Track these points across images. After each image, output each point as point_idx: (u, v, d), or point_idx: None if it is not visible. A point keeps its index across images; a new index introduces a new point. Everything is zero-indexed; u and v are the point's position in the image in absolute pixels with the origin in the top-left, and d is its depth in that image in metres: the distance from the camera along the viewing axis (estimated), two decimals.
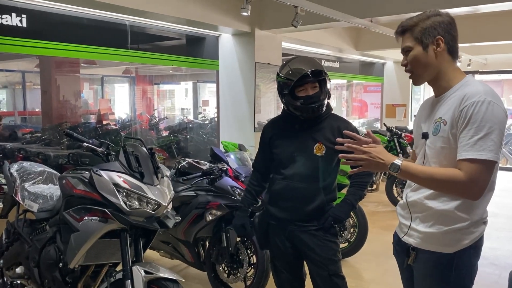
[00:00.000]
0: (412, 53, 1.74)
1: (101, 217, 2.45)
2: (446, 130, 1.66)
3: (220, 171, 3.49)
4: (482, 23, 7.12)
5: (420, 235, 1.76)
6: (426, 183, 1.67)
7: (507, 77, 13.53)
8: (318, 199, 2.40)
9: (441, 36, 1.70)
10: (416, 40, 1.72)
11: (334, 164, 2.44)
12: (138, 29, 5.59)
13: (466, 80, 1.71)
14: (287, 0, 4.42)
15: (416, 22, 1.74)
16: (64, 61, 6.09)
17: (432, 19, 1.72)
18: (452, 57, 1.74)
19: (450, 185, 1.61)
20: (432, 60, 1.71)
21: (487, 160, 1.55)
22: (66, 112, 6.38)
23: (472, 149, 1.56)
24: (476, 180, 1.57)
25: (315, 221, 2.42)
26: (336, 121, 2.47)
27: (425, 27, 1.71)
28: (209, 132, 7.95)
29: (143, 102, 8.81)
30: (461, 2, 4.69)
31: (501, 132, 1.58)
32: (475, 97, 1.59)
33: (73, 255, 2.52)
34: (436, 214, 1.71)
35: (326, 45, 7.80)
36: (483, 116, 1.56)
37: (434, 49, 1.70)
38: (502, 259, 4.56)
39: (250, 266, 3.44)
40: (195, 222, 3.46)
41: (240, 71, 6.37)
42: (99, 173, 2.47)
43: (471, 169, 1.57)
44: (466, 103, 1.59)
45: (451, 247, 1.69)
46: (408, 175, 1.67)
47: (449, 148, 1.66)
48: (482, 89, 1.61)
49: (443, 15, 1.74)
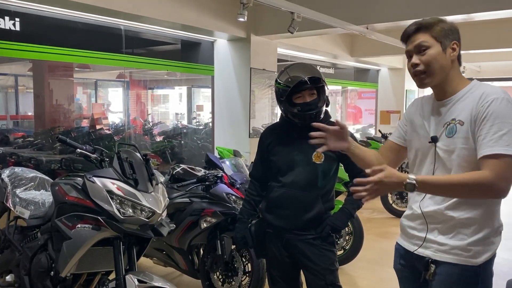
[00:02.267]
0: (430, 52, 1.66)
1: (94, 225, 2.41)
2: (465, 130, 1.61)
3: (215, 177, 3.46)
4: (476, 31, 7.16)
5: (441, 247, 1.68)
6: (450, 193, 1.60)
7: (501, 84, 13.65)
8: (316, 208, 2.37)
9: (456, 41, 1.69)
10: (435, 39, 1.66)
11: (332, 172, 2.42)
12: (133, 33, 5.56)
13: (475, 83, 1.69)
14: (283, 6, 4.42)
15: (435, 22, 1.69)
16: (57, 65, 6.03)
17: (449, 23, 1.70)
18: (459, 62, 1.74)
19: (477, 188, 1.53)
20: (448, 63, 1.68)
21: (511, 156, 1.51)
22: (59, 117, 6.32)
23: (497, 145, 1.51)
24: (504, 177, 1.51)
25: (312, 230, 2.39)
26: None
27: (446, 29, 1.68)
28: (203, 137, 7.91)
29: (137, 106, 8.76)
30: (456, 10, 4.71)
31: None
32: (494, 94, 1.57)
33: (65, 263, 2.48)
34: (459, 224, 1.64)
35: (321, 51, 7.81)
36: (506, 112, 1.54)
37: (451, 52, 1.67)
38: (498, 267, 4.50)
39: (245, 275, 3.40)
40: (190, 229, 3.42)
41: (236, 77, 6.35)
42: (93, 180, 2.44)
43: (497, 165, 1.51)
44: (487, 99, 1.57)
45: (476, 259, 1.62)
46: (428, 189, 1.60)
47: (469, 149, 1.61)
48: (498, 88, 1.61)
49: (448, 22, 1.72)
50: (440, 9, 4.64)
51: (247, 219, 2.60)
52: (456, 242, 1.64)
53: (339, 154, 2.31)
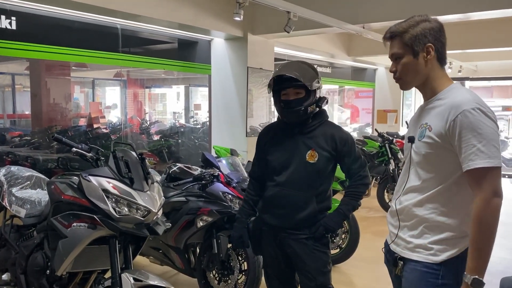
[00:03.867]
0: (403, 61, 1.72)
1: (89, 224, 2.42)
2: (431, 136, 1.65)
3: (212, 176, 3.46)
4: (473, 31, 7.18)
5: (408, 245, 1.73)
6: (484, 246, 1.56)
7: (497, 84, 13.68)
8: (310, 207, 2.36)
9: (431, 43, 1.68)
10: (406, 47, 1.70)
11: (328, 172, 2.40)
12: (130, 32, 5.55)
13: (453, 87, 1.70)
14: (280, 6, 4.42)
15: (405, 29, 1.71)
16: (54, 64, 6.03)
17: (422, 25, 1.69)
18: (441, 64, 1.74)
19: (485, 220, 1.54)
20: (422, 68, 1.70)
21: (494, 167, 1.54)
22: (56, 116, 6.31)
23: (478, 158, 1.54)
24: (491, 190, 1.54)
25: (306, 230, 2.38)
26: (331, 128, 2.43)
27: (416, 34, 1.68)
28: (200, 136, 7.91)
29: (134, 105, 8.75)
30: (453, 9, 4.72)
31: (498, 138, 1.57)
32: (465, 105, 1.57)
33: (60, 262, 2.48)
34: (423, 222, 1.68)
35: (318, 50, 7.82)
36: (479, 124, 1.54)
37: (424, 56, 1.69)
38: (493, 265, 4.55)
39: (241, 273, 3.40)
40: (186, 228, 3.42)
41: (233, 76, 6.35)
42: (88, 179, 2.44)
43: (482, 179, 1.54)
44: (457, 112, 1.57)
45: (437, 257, 1.65)
46: (481, 268, 1.56)
47: (434, 154, 1.65)
48: (471, 97, 1.61)
49: (432, 21, 1.72)
50: (436, 9, 4.65)
51: (245, 218, 2.60)
52: (420, 240, 1.69)
53: (335, 153, 2.35)
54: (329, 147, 2.35)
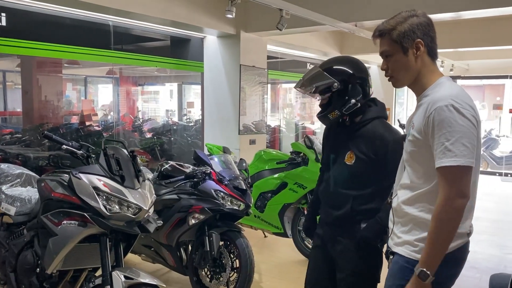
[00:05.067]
0: (393, 59, 1.72)
1: (80, 221, 2.41)
2: (414, 134, 1.65)
3: (204, 174, 3.46)
4: (465, 29, 7.22)
5: (398, 240, 1.75)
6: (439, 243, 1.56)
7: (488, 82, 13.78)
8: (345, 207, 2.26)
9: (420, 39, 1.67)
10: (395, 45, 1.69)
11: (366, 176, 2.23)
12: (122, 29, 5.52)
13: (439, 82, 1.68)
14: (272, 3, 4.42)
15: (393, 26, 1.70)
16: (46, 61, 5.98)
17: (409, 21, 1.68)
18: (432, 59, 1.72)
19: (445, 218, 1.54)
20: (413, 64, 1.69)
21: (461, 166, 1.52)
22: (47, 113, 6.27)
23: (445, 156, 1.53)
24: (455, 189, 1.53)
25: (342, 229, 2.29)
26: (381, 129, 2.23)
27: (404, 31, 1.67)
28: (193, 134, 7.89)
29: (127, 103, 8.71)
30: (444, 8, 4.74)
31: (472, 135, 1.54)
32: (440, 102, 1.56)
33: (51, 260, 2.48)
34: (413, 220, 1.69)
35: (311, 48, 7.82)
36: (450, 121, 1.53)
37: (414, 52, 1.68)
38: (483, 262, 4.61)
39: (233, 271, 3.41)
40: (178, 226, 3.42)
41: (225, 74, 6.34)
42: (79, 176, 2.43)
43: (447, 177, 1.54)
44: (432, 109, 1.56)
45: (420, 254, 1.63)
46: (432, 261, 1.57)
47: (417, 152, 1.65)
48: (448, 93, 1.59)
49: (420, 15, 1.70)
50: (428, 7, 4.66)
51: (313, 209, 2.62)
52: (408, 236, 1.70)
53: (375, 157, 2.19)
54: (370, 150, 2.20)
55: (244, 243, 3.34)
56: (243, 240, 3.36)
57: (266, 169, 4.89)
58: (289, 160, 4.67)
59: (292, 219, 4.64)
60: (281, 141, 9.51)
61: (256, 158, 5.08)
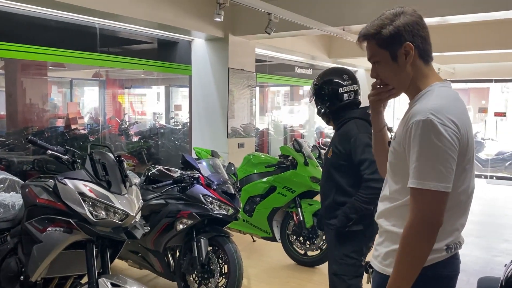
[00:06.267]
0: (381, 66, 1.53)
1: (65, 228, 2.37)
2: (394, 145, 1.52)
3: (192, 178, 3.43)
4: (451, 34, 7.30)
5: (375, 252, 1.63)
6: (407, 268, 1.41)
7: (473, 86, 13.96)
8: (330, 197, 2.55)
9: (409, 41, 1.46)
10: (382, 50, 1.50)
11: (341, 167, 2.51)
12: (108, 32, 5.47)
13: (428, 89, 1.49)
14: (260, 7, 4.41)
15: (378, 29, 1.50)
16: (31, 63, 5.89)
17: (396, 22, 1.48)
18: (425, 61, 1.51)
19: (410, 241, 1.39)
20: (403, 70, 1.49)
21: (428, 190, 1.35)
22: (32, 116, 6.17)
23: (414, 177, 1.37)
24: (421, 213, 1.37)
25: (331, 219, 2.53)
26: (350, 127, 2.53)
27: (389, 34, 1.48)
28: (181, 137, 7.84)
29: (113, 106, 8.63)
30: (430, 12, 4.78)
31: (448, 157, 1.35)
32: (419, 115, 1.37)
33: (35, 268, 2.43)
34: (386, 233, 1.57)
35: (299, 52, 7.85)
36: (423, 139, 1.35)
37: (404, 57, 1.47)
38: (470, 265, 4.65)
39: (222, 276, 3.37)
40: (165, 231, 3.38)
41: (213, 77, 6.32)
42: (64, 182, 2.39)
43: (415, 200, 1.38)
44: (410, 123, 1.39)
45: (390, 269, 1.47)
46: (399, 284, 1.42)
47: (396, 164, 1.52)
48: (431, 105, 1.39)
49: (408, 13, 1.50)
50: None
51: None
52: (382, 249, 1.56)
53: (344, 151, 2.49)
54: (341, 145, 2.50)
55: (232, 248, 3.31)
56: (231, 245, 3.33)
57: (254, 172, 4.87)
58: (277, 164, 4.66)
59: (281, 223, 4.63)
60: (270, 145, 9.51)
61: (245, 162, 5.07)
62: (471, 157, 1.47)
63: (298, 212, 4.38)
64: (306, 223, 4.32)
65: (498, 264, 4.76)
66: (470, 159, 1.46)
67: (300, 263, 4.53)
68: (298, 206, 4.38)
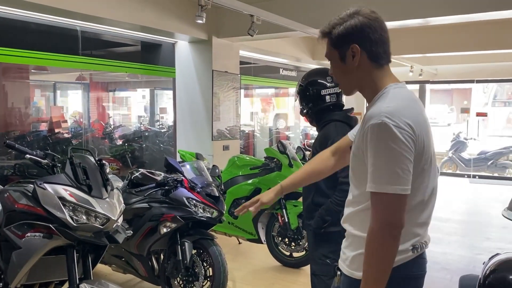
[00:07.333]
0: (333, 64, 1.57)
1: (45, 233, 2.34)
2: (353, 150, 1.52)
3: (175, 181, 3.41)
4: (433, 35, 7.39)
5: (343, 255, 1.62)
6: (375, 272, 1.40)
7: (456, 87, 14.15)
8: (309, 198, 2.57)
9: (356, 43, 1.47)
10: (333, 49, 1.53)
11: None
12: (90, 34, 5.41)
13: (384, 91, 1.48)
14: (243, 9, 4.41)
15: (331, 28, 1.53)
16: (12, 66, 5.79)
17: (347, 23, 1.49)
18: (376, 63, 1.50)
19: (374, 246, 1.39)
20: (352, 71, 1.51)
21: (387, 194, 1.35)
22: (13, 120, 6.06)
23: (372, 181, 1.37)
24: (381, 216, 1.37)
25: (310, 220, 2.55)
26: (328, 129, 2.54)
27: (338, 35, 1.50)
28: (166, 140, 7.79)
29: (97, 109, 8.54)
30: (412, 14, 4.84)
31: (405, 159, 1.35)
32: (374, 119, 1.37)
33: (14, 274, 2.39)
34: (351, 236, 1.57)
35: (283, 54, 7.87)
36: (379, 142, 1.35)
37: (351, 59, 1.49)
38: (453, 263, 4.70)
39: (206, 279, 3.36)
40: (149, 235, 3.35)
41: (198, 79, 6.30)
42: (43, 186, 2.36)
43: (375, 203, 1.38)
44: (366, 126, 1.39)
45: (359, 272, 1.46)
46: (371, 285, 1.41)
47: (357, 169, 1.51)
48: (385, 107, 1.39)
49: (361, 15, 1.50)
50: (397, 13, 4.75)
51: None
52: (349, 252, 1.57)
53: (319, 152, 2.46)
54: (320, 147, 2.47)
55: (217, 251, 3.30)
56: (216, 248, 3.32)
57: (239, 175, 4.86)
58: (262, 166, 4.66)
59: (266, 225, 4.63)
60: (255, 147, 9.51)
61: (230, 164, 5.05)
62: (430, 156, 1.47)
63: (283, 214, 4.38)
64: (291, 225, 4.32)
65: (480, 262, 4.79)
66: (428, 159, 1.46)
67: (285, 264, 4.53)
68: (283, 207, 4.38)
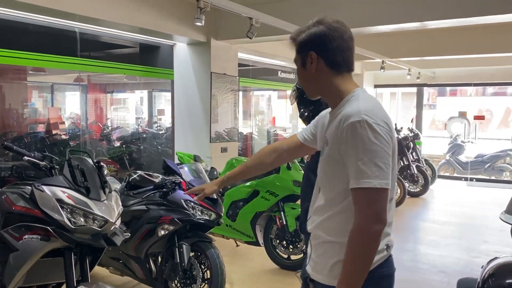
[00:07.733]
0: (297, 69, 1.66)
1: (43, 235, 2.33)
2: (327, 152, 1.54)
3: (173, 184, 3.40)
4: (431, 38, 7.42)
5: (315, 266, 1.60)
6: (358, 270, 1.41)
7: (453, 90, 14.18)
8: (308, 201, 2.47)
9: (313, 51, 1.56)
10: (297, 55, 1.64)
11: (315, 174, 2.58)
12: (89, 36, 5.41)
13: (352, 94, 1.54)
14: (242, 12, 4.42)
15: (296, 35, 1.63)
16: (9, 68, 5.79)
17: (309, 31, 1.59)
18: (335, 71, 1.56)
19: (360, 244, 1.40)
20: (311, 77, 1.60)
21: (374, 188, 1.38)
22: (11, 122, 6.06)
23: (357, 177, 1.39)
24: (369, 212, 1.39)
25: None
26: None
27: (300, 42, 1.61)
28: (164, 142, 7.78)
29: (95, 111, 8.53)
30: (410, 18, 4.85)
31: (386, 154, 1.40)
32: (353, 117, 1.41)
33: (11, 277, 2.38)
34: (325, 244, 1.56)
35: (282, 56, 7.88)
36: (362, 139, 1.39)
37: (310, 65, 1.58)
38: (451, 266, 4.71)
39: (204, 282, 3.35)
40: (147, 237, 3.35)
41: (196, 81, 6.30)
42: (41, 188, 2.35)
43: (361, 200, 1.40)
44: (345, 125, 1.43)
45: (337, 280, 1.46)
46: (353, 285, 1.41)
47: (332, 171, 1.53)
48: (362, 107, 1.44)
49: (323, 23, 1.59)
50: (394, 17, 4.76)
51: None
52: (323, 260, 1.56)
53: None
54: None
55: (215, 254, 3.30)
56: (214, 250, 3.32)
57: None
58: None
59: (264, 227, 4.62)
60: (253, 149, 9.51)
61: (228, 166, 5.05)
62: (395, 168, 1.52)
63: (281, 216, 4.38)
64: (289, 227, 4.32)
65: (478, 265, 4.81)
66: (395, 158, 1.51)
67: (283, 267, 4.52)
68: (281, 210, 4.38)
